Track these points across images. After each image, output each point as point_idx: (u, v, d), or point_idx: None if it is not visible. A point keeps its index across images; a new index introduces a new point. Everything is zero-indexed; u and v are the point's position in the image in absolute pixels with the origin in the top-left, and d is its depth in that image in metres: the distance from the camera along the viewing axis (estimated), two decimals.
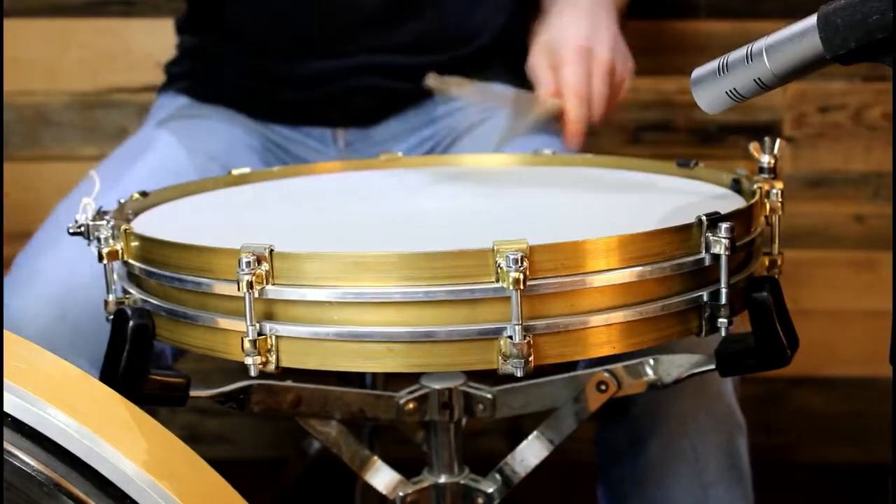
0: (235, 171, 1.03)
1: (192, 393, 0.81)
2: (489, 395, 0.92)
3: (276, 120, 1.34)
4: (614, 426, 1.13)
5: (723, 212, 0.74)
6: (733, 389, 1.12)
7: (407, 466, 0.95)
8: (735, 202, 0.85)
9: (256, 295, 0.70)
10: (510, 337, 0.68)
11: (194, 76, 1.38)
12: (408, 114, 1.35)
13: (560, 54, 1.17)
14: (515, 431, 1.73)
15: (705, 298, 0.74)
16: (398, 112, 1.35)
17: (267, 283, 0.70)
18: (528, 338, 0.68)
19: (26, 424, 0.65)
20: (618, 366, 0.88)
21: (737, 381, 1.13)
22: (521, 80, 1.39)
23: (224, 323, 0.73)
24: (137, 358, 0.76)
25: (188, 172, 1.22)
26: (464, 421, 0.93)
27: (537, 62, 1.20)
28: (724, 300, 0.74)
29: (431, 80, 1.14)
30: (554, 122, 1.21)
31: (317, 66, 1.31)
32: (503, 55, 1.37)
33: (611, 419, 1.13)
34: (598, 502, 1.19)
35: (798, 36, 0.65)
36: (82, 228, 0.80)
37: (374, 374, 1.28)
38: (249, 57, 1.34)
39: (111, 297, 0.81)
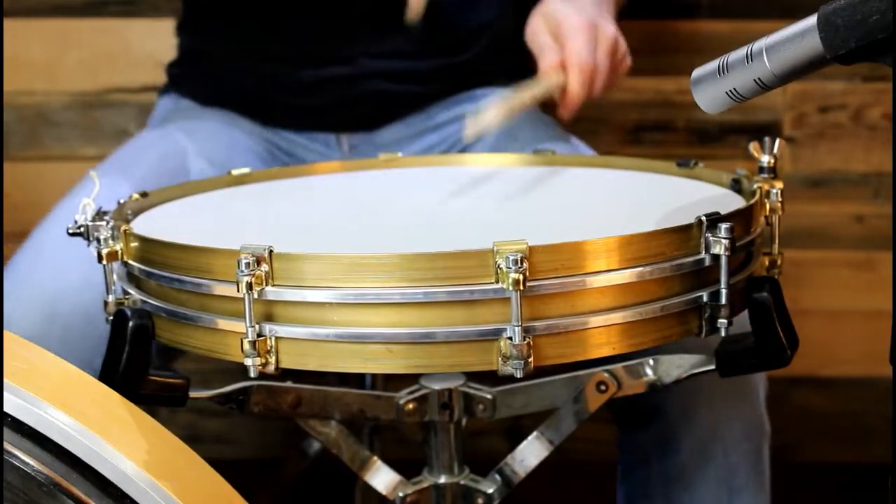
0: (235, 172, 1.03)
1: (192, 393, 0.81)
2: (489, 396, 0.92)
3: (279, 124, 1.34)
4: (645, 428, 1.12)
5: (723, 212, 0.74)
6: (763, 395, 1.13)
7: (407, 466, 0.95)
8: (735, 202, 0.85)
9: (256, 296, 0.70)
10: (510, 338, 0.68)
11: (196, 78, 1.38)
12: (411, 118, 1.35)
13: (565, 26, 1.17)
14: (515, 431, 1.73)
15: (705, 299, 0.74)
16: (401, 116, 1.35)
17: (266, 284, 0.70)
18: (527, 339, 0.68)
19: (26, 424, 0.65)
20: (618, 366, 0.88)
21: (766, 386, 1.14)
22: (520, 80, 1.39)
23: (223, 324, 0.73)
24: (137, 358, 0.76)
25: (187, 176, 1.21)
26: (464, 421, 0.93)
27: (539, 30, 1.20)
28: (724, 300, 0.74)
29: (468, 128, 1.07)
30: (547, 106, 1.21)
31: (318, 72, 1.31)
32: (503, 58, 1.37)
33: (641, 421, 1.13)
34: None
35: (798, 36, 0.65)
36: (82, 229, 0.80)
37: (374, 375, 1.28)
38: (250, 62, 1.34)
39: (111, 298, 0.81)
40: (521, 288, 0.67)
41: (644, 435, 1.13)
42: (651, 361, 0.88)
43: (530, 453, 0.91)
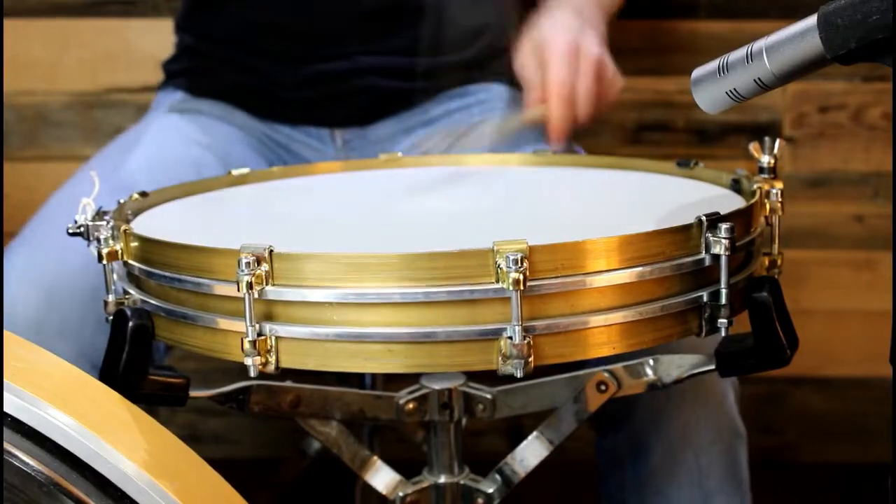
0: (235, 172, 1.03)
1: (192, 393, 0.81)
2: (489, 396, 0.92)
3: (273, 118, 1.35)
4: (616, 432, 1.13)
5: (723, 212, 0.74)
6: (734, 398, 1.13)
7: (407, 466, 0.95)
8: (735, 202, 0.85)
9: (256, 295, 0.70)
10: (510, 337, 0.68)
11: (192, 73, 1.38)
12: (405, 114, 1.35)
13: (547, 52, 1.17)
14: (515, 431, 1.73)
15: (705, 299, 0.74)
16: (395, 112, 1.35)
17: (266, 284, 0.70)
18: (528, 338, 0.68)
19: (26, 424, 0.65)
20: (618, 366, 0.88)
21: (737, 389, 1.14)
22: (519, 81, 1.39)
23: (224, 323, 0.73)
24: (137, 358, 0.76)
25: (184, 161, 1.22)
26: (464, 421, 0.93)
27: (526, 61, 1.20)
28: (724, 300, 0.74)
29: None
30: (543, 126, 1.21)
31: (314, 67, 1.32)
32: (500, 57, 1.37)
33: (613, 425, 1.13)
34: None
35: (798, 36, 0.65)
36: (82, 229, 0.80)
37: (374, 375, 1.28)
38: (247, 57, 1.34)
39: (111, 298, 0.81)
40: (522, 288, 0.67)
41: (616, 439, 1.13)
42: (651, 361, 0.88)
43: (530, 453, 0.91)
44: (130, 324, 0.76)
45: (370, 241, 0.82)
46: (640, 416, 1.10)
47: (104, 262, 0.80)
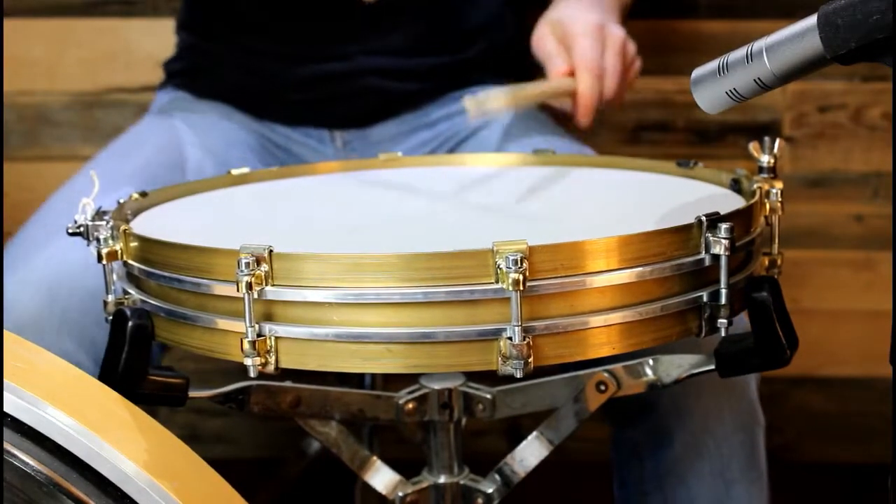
0: (235, 172, 1.03)
1: (192, 393, 0.81)
2: (489, 396, 0.92)
3: (273, 119, 1.35)
4: (636, 424, 1.12)
5: (723, 212, 0.74)
6: (756, 386, 1.13)
7: (407, 466, 0.95)
8: (735, 202, 0.85)
9: (256, 296, 0.70)
10: (510, 338, 0.68)
11: (193, 73, 1.38)
12: (406, 116, 1.35)
13: (572, 30, 1.16)
14: (515, 431, 1.73)
15: (705, 299, 0.74)
16: (396, 113, 1.35)
17: (266, 284, 0.70)
18: (527, 339, 0.68)
19: (26, 424, 0.65)
20: (617, 366, 0.88)
21: (758, 377, 1.13)
22: (519, 82, 1.39)
23: (223, 324, 0.73)
24: (136, 358, 0.76)
25: (184, 165, 1.22)
26: (463, 421, 0.93)
27: (545, 37, 1.19)
28: (723, 300, 0.74)
29: (468, 103, 1.03)
30: (560, 117, 1.21)
31: (314, 68, 1.32)
32: (501, 58, 1.37)
33: (633, 417, 1.13)
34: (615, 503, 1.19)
35: (798, 36, 0.65)
36: (81, 229, 0.80)
37: (374, 375, 1.28)
38: (247, 57, 1.35)
39: (110, 298, 0.81)
40: (521, 288, 0.67)
41: (636, 431, 1.13)
42: (651, 361, 0.88)
43: (530, 453, 0.91)
44: (130, 324, 0.76)
45: (369, 242, 0.82)
46: (661, 406, 1.10)
47: (104, 262, 0.80)
